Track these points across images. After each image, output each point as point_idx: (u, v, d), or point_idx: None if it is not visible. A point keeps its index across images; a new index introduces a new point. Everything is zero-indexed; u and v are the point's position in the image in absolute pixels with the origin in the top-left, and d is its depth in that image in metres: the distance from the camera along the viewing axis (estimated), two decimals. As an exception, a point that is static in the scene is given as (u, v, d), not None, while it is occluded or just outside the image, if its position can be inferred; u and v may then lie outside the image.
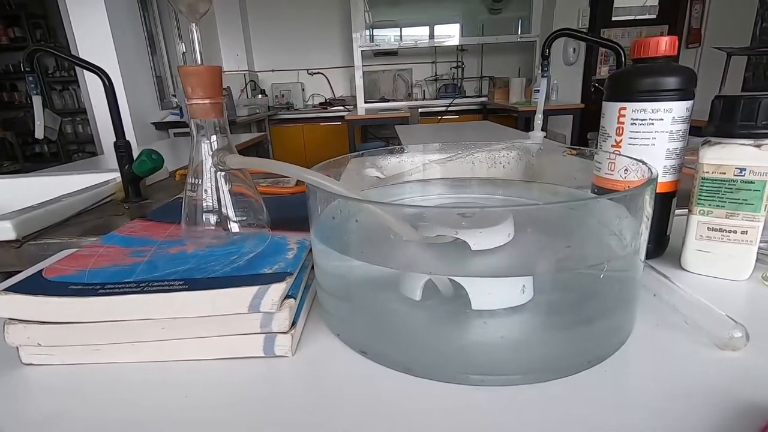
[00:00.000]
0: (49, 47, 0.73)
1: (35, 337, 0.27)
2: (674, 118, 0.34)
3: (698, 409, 0.21)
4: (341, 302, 0.30)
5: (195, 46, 0.34)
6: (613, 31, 3.35)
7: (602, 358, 0.25)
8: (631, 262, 0.26)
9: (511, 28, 3.64)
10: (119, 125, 0.74)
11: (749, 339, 0.25)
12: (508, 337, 0.25)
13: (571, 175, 0.40)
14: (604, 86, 0.38)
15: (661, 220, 0.38)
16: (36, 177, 1.01)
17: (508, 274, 0.27)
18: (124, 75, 2.51)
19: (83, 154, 4.05)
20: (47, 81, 3.98)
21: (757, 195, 0.32)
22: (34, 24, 3.90)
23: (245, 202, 0.34)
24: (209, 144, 0.33)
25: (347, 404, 0.23)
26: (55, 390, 0.26)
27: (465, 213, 0.29)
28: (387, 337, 0.27)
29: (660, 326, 0.29)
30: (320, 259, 0.30)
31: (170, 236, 0.36)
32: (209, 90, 0.31)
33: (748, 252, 0.33)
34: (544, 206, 0.26)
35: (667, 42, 0.35)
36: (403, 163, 0.45)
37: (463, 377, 0.24)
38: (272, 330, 0.27)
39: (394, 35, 3.79)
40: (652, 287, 0.31)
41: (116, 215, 0.69)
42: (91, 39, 2.43)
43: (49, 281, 0.28)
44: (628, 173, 0.34)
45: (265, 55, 3.97)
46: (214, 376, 0.26)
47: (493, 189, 0.44)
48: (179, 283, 0.27)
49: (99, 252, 0.33)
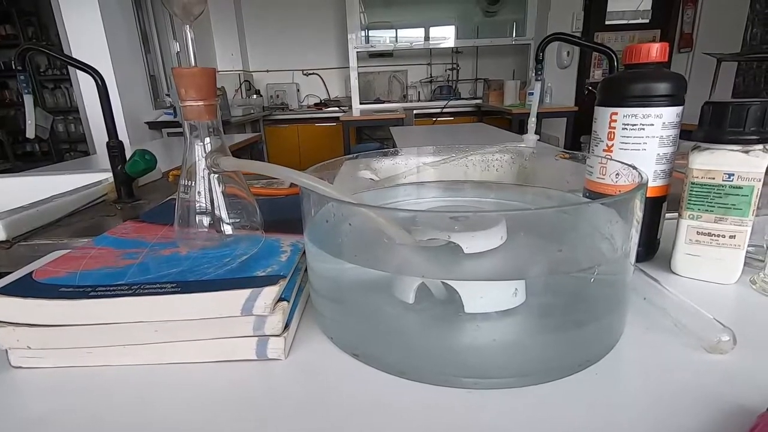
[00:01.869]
0: (41, 46, 0.72)
1: (25, 340, 0.27)
2: (665, 124, 0.35)
3: (686, 410, 0.22)
4: (334, 305, 0.30)
5: (189, 48, 0.33)
6: (606, 35, 3.38)
7: (593, 361, 0.26)
8: (621, 265, 0.27)
9: (505, 31, 3.66)
10: (112, 125, 0.74)
11: (737, 342, 0.25)
12: (500, 340, 0.25)
13: (564, 178, 0.40)
14: (596, 91, 0.38)
15: (651, 224, 0.38)
16: (27, 177, 1.00)
17: (501, 277, 0.27)
18: (118, 74, 2.48)
19: (75, 153, 4.01)
20: (39, 79, 3.94)
21: (745, 200, 0.32)
22: (25, 21, 3.85)
23: (238, 204, 0.34)
24: (203, 146, 0.32)
25: (340, 407, 0.23)
26: (45, 393, 0.25)
27: (458, 216, 0.29)
28: (380, 340, 0.27)
29: (650, 329, 0.29)
30: (313, 262, 0.30)
31: (163, 238, 0.36)
32: (203, 92, 0.31)
33: (736, 256, 0.34)
34: (536, 211, 0.26)
35: (658, 48, 0.35)
36: (397, 166, 0.45)
37: (455, 380, 0.24)
38: (265, 333, 0.27)
39: (389, 36, 3.80)
40: (643, 291, 0.31)
41: (108, 216, 0.69)
42: (84, 37, 2.40)
43: (39, 283, 0.28)
44: (619, 177, 0.34)
45: (260, 55, 3.96)
46: (207, 378, 0.26)
47: (486, 192, 0.44)
48: (171, 286, 0.27)
49: (90, 254, 0.33)
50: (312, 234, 0.29)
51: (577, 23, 3.40)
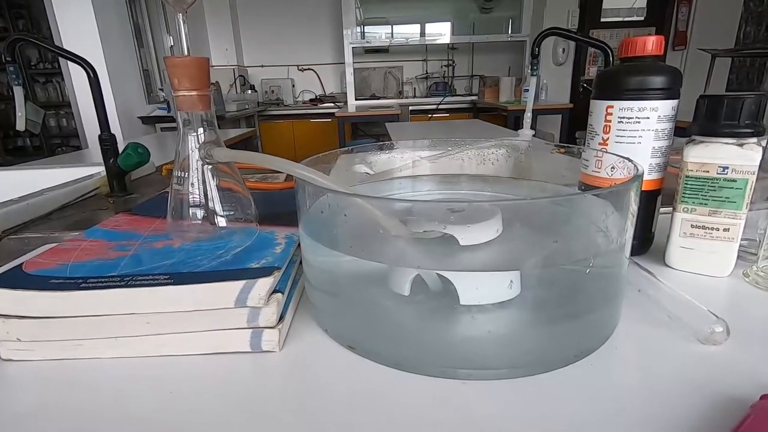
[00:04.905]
0: (31, 37, 0.71)
1: (15, 332, 0.26)
2: (660, 117, 0.35)
3: (680, 401, 0.22)
4: (329, 297, 0.30)
5: (182, 38, 0.33)
6: (601, 32, 3.39)
7: (588, 352, 0.26)
8: (616, 258, 0.27)
9: (501, 28, 3.66)
10: (104, 119, 0.73)
11: (730, 334, 0.26)
12: (495, 331, 0.25)
13: (559, 172, 0.40)
14: (592, 85, 0.38)
15: (646, 217, 0.39)
16: (18, 170, 0.98)
17: (496, 269, 0.27)
18: (110, 67, 2.45)
19: (67, 148, 3.96)
20: (30, 73, 3.88)
21: (739, 193, 0.33)
22: (15, 14, 3.79)
23: (233, 197, 0.34)
24: (196, 137, 0.32)
25: (335, 399, 0.23)
26: (35, 386, 0.25)
27: (453, 208, 0.29)
28: (375, 332, 0.27)
29: (644, 321, 0.29)
30: (308, 254, 0.30)
31: (156, 230, 0.36)
32: (196, 81, 0.31)
33: (730, 249, 0.34)
34: (531, 201, 0.26)
35: (654, 41, 0.35)
36: (393, 160, 0.45)
37: (451, 372, 0.24)
38: (259, 325, 0.27)
39: (385, 32, 3.78)
40: (637, 283, 0.31)
41: (100, 210, 0.68)
42: (76, 30, 2.37)
43: (29, 275, 0.28)
44: (614, 171, 0.34)
45: (255, 51, 3.93)
46: (200, 371, 0.26)
47: (482, 186, 0.44)
48: (164, 278, 0.27)
49: (82, 246, 0.33)
50: (307, 226, 0.29)
51: (573, 20, 3.41)
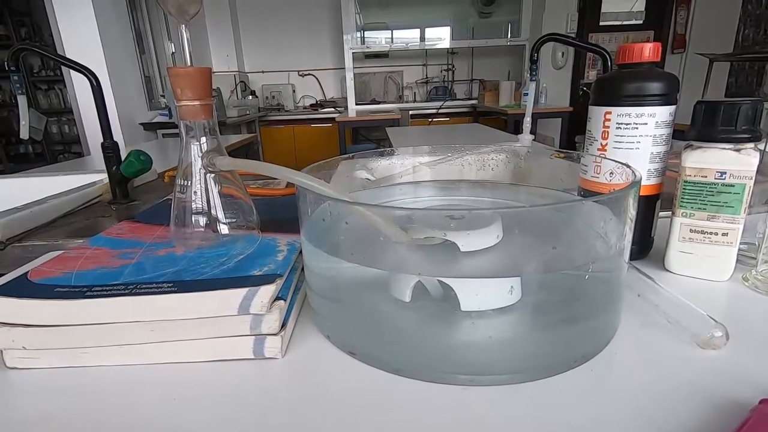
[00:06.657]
0: (34, 46, 0.72)
1: (20, 340, 0.26)
2: (658, 123, 0.35)
3: (680, 405, 0.22)
4: (331, 304, 0.30)
5: (184, 47, 0.33)
6: (600, 36, 3.40)
7: (588, 357, 0.26)
8: (615, 263, 0.27)
9: (500, 32, 3.67)
10: (107, 126, 0.73)
11: (729, 338, 0.26)
12: (496, 337, 0.25)
13: (559, 178, 0.41)
14: (590, 91, 0.39)
15: (645, 222, 0.39)
16: (20, 178, 0.99)
17: (497, 275, 0.28)
18: (112, 74, 2.47)
19: (69, 155, 3.98)
20: (32, 80, 3.90)
21: (736, 198, 0.33)
22: (18, 22, 3.82)
23: (235, 204, 0.34)
24: (199, 145, 0.32)
25: (337, 405, 0.23)
26: (41, 394, 0.25)
27: (454, 215, 0.29)
28: (377, 339, 0.27)
29: (644, 326, 0.29)
30: (310, 261, 0.30)
31: (159, 238, 0.36)
32: (199, 91, 0.31)
33: (728, 253, 0.34)
34: (531, 208, 0.26)
35: (651, 48, 0.36)
36: (393, 166, 0.45)
37: (451, 377, 0.24)
38: (262, 332, 0.27)
39: (385, 37, 3.80)
40: (637, 288, 0.31)
41: (103, 217, 0.68)
42: (78, 38, 2.39)
43: (34, 284, 0.28)
44: (613, 176, 0.34)
45: (256, 56, 3.95)
46: (204, 378, 0.26)
47: (482, 191, 0.44)
48: (168, 285, 0.27)
49: (86, 254, 0.33)
50: (308, 233, 0.29)
51: (572, 24, 3.41)
